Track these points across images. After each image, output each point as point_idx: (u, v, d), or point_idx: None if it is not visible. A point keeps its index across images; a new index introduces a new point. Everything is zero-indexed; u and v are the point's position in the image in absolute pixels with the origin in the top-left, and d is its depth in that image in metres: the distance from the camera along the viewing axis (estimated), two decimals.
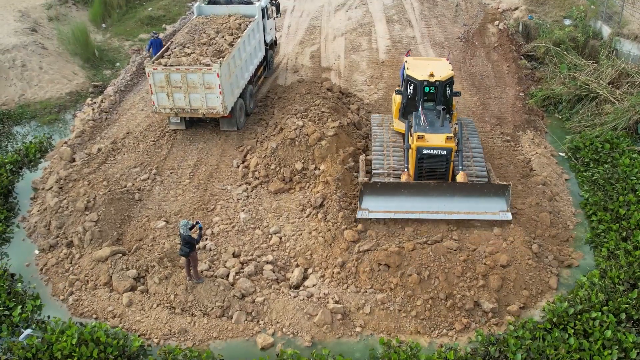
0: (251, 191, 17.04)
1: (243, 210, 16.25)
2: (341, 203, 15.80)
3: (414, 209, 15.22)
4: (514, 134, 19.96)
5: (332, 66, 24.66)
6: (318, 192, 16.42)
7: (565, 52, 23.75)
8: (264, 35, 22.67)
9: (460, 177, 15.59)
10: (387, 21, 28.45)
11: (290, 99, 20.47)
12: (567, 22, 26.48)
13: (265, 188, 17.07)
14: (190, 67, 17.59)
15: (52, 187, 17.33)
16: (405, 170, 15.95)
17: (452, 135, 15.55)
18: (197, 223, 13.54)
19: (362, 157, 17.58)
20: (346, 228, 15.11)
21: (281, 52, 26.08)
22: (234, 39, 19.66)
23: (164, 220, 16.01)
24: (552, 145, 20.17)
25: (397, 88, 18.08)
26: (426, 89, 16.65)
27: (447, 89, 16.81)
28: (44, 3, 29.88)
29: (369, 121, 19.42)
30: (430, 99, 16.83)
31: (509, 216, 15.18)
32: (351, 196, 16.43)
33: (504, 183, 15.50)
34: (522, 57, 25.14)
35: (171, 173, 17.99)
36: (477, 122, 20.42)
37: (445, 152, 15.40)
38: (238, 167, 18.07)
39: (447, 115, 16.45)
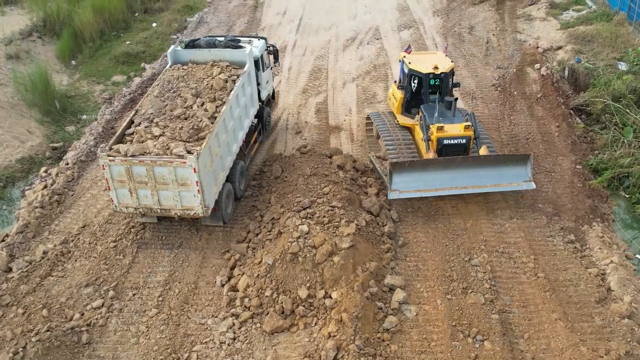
0: (239, 329, 12.65)
1: None
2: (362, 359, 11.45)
3: (442, 185, 15.71)
4: (578, 230, 15.58)
5: (342, 124, 20.27)
6: (329, 335, 12.06)
7: (627, 110, 19.37)
8: (259, 91, 18.29)
9: (482, 150, 16.22)
10: None
11: (292, 183, 16.07)
12: (622, 66, 22.12)
13: (259, 325, 12.67)
14: (158, 158, 13.20)
15: None
16: (428, 150, 16.17)
17: (469, 124, 16.17)
18: None
19: (372, 154, 17.79)
20: None
21: (280, 103, 21.69)
22: (217, 107, 15.25)
23: None
24: (617, 231, 15.99)
25: (397, 83, 18.59)
26: (431, 82, 17.16)
27: (450, 80, 17.42)
28: (3, 38, 25.50)
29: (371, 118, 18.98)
30: (433, 91, 17.36)
31: (532, 185, 16.03)
32: (375, 342, 12.08)
33: (526, 153, 16.53)
34: (571, 111, 20.77)
35: (134, 295, 13.61)
36: (529, 210, 16.10)
37: (464, 141, 16.14)
38: (223, 286, 13.71)
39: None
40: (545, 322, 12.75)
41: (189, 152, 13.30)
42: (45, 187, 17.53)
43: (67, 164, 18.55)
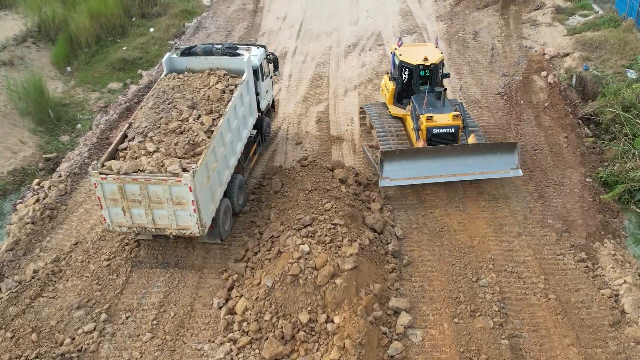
0: (237, 355, 12.06)
1: None
2: None
3: (432, 173, 16.03)
4: (589, 247, 15.00)
5: (344, 134, 19.69)
6: None
7: (638, 120, 18.78)
8: (258, 101, 17.70)
9: (471, 139, 16.57)
10: None
11: (292, 198, 15.49)
12: (631, 74, 21.56)
13: (257, 351, 12.08)
14: (152, 177, 12.62)
15: None
16: (418, 139, 16.59)
17: (458, 113, 16.59)
18: None
19: (365, 144, 18.52)
20: None
21: (280, 112, 21.11)
22: (213, 119, 14.65)
23: None
24: (628, 247, 15.45)
25: (388, 75, 18.81)
26: (422, 73, 17.52)
27: (440, 71, 17.73)
28: None
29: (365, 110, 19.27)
30: (424, 82, 17.69)
31: (519, 172, 16.35)
32: None
33: (513, 141, 17.11)
34: (579, 120, 20.17)
35: (127, 318, 13.02)
36: (538, 226, 15.53)
37: (453, 130, 16.51)
38: (220, 308, 13.12)
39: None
40: (557, 348, 12.19)
41: (184, 170, 12.71)
42: (37, 200, 16.97)
43: (60, 176, 17.99)
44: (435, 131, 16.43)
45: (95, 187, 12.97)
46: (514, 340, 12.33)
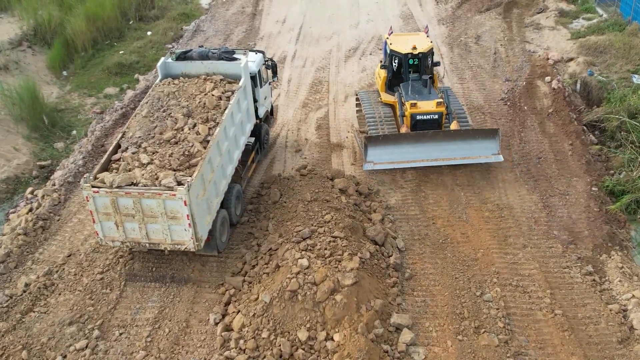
0: None
1: None
2: None
3: (415, 157, 16.68)
4: (595, 260, 14.59)
5: (344, 141, 19.28)
6: None
7: None
8: (256, 108, 17.31)
9: (453, 125, 17.14)
10: None
11: (291, 209, 15.09)
12: (637, 79, 21.14)
13: None
14: (146, 190, 12.21)
15: None
16: (403, 124, 17.21)
17: (441, 100, 17.11)
18: None
19: (355, 129, 19.18)
20: None
21: (280, 118, 20.70)
22: (210, 128, 14.24)
23: None
24: (635, 258, 15.06)
25: (381, 63, 19.37)
26: (410, 61, 18.05)
27: (429, 59, 18.24)
28: None
29: (358, 98, 19.73)
30: (414, 70, 18.16)
31: (500, 158, 16.97)
32: None
33: (494, 128, 17.50)
34: (584, 127, 19.76)
35: (120, 335, 12.62)
36: (543, 237, 15.14)
37: (437, 116, 17.04)
38: (216, 324, 12.72)
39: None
40: None
41: (179, 183, 12.30)
42: (30, 210, 16.57)
43: (54, 184, 17.59)
44: (418, 117, 16.98)
45: (88, 200, 12.55)
46: (520, 358, 11.94)
